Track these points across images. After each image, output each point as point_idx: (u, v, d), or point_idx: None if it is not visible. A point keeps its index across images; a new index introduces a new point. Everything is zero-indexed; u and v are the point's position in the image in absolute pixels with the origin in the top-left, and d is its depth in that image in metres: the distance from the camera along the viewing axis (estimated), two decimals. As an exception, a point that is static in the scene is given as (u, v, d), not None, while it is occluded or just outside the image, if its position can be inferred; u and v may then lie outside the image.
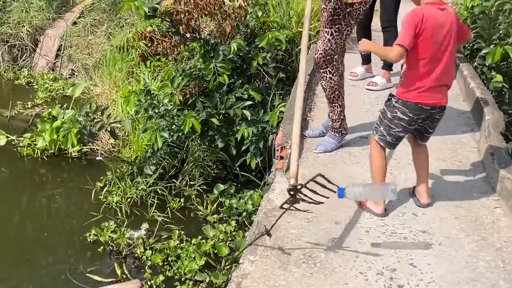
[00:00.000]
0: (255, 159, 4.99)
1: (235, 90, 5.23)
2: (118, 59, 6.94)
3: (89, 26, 8.26)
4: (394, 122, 3.07)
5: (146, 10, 4.74)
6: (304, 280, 2.62)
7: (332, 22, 3.67)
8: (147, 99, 4.78)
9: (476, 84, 4.67)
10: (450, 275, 2.68)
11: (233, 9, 5.35)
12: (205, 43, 5.19)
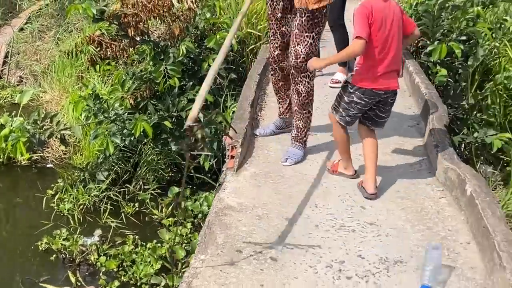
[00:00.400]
0: (209, 160, 5.02)
1: (187, 92, 5.27)
2: (67, 65, 6.87)
3: (37, 32, 8.15)
4: (351, 106, 3.38)
5: (94, 12, 4.74)
6: (254, 276, 2.66)
7: (313, 25, 3.70)
8: (96, 104, 4.75)
9: (421, 79, 4.83)
10: (398, 265, 2.78)
11: (182, 11, 5.37)
12: (154, 45, 5.20)
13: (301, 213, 3.24)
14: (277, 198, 3.39)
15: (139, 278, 4.04)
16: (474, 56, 4.77)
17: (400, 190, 3.48)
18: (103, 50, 5.64)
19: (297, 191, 3.49)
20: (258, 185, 3.56)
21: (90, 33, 6.16)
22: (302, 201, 3.36)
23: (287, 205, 3.32)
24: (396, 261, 2.80)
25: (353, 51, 3.25)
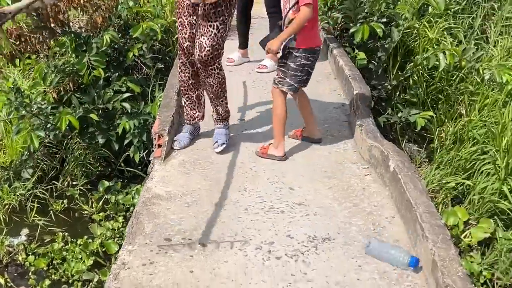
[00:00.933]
0: (139, 152, 4.97)
1: (113, 83, 5.16)
2: (-15, 59, 6.63)
3: None
4: (300, 70, 3.66)
5: (9, 2, 4.59)
6: (184, 263, 2.68)
7: (216, 15, 3.55)
8: (17, 98, 4.62)
9: (345, 62, 4.97)
10: (326, 243, 2.86)
11: (104, 1, 5.29)
12: (76, 36, 5.09)
13: (230, 198, 3.29)
14: (206, 184, 3.42)
15: (70, 276, 3.95)
16: (391, 37, 4.93)
17: (327, 170, 3.59)
18: (23, 44, 5.46)
19: (226, 176, 3.53)
20: (187, 173, 3.58)
21: (8, 27, 5.96)
22: (231, 186, 3.42)
23: (216, 190, 3.36)
24: (324, 239, 2.89)
25: (305, 17, 3.43)
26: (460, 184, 4.26)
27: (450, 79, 5.15)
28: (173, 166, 3.64)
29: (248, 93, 4.68)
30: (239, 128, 4.21)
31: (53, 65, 5.17)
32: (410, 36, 5.20)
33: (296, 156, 3.85)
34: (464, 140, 4.63)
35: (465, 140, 4.62)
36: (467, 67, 5.07)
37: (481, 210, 3.99)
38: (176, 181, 3.46)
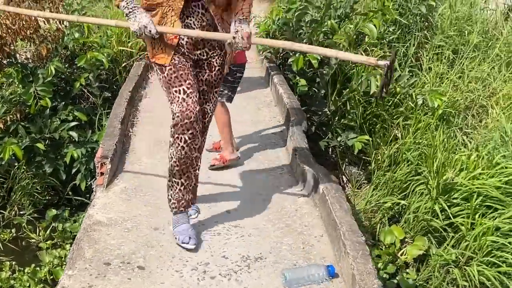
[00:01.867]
0: (86, 180, 5.08)
1: (60, 112, 5.28)
2: None
3: None
4: (237, 81, 4.25)
5: None
6: (122, 285, 2.83)
7: (221, 79, 3.33)
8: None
9: (284, 90, 5.22)
10: (258, 262, 3.06)
11: (50, 32, 5.44)
12: (22, 67, 5.23)
13: (169, 222, 3.41)
14: (147, 210, 3.58)
15: (19, 304, 4.05)
16: (329, 65, 5.18)
17: (263, 193, 3.80)
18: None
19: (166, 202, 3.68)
20: (128, 199, 3.72)
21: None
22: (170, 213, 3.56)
23: (156, 216, 3.51)
24: (257, 258, 3.09)
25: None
26: (396, 204, 4.48)
27: (386, 104, 5.39)
28: (115, 193, 3.77)
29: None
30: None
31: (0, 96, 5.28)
32: (348, 64, 5.44)
33: (235, 180, 4.05)
34: (399, 162, 4.83)
35: (400, 162, 4.83)
36: (402, 93, 5.34)
37: (416, 229, 4.19)
38: (118, 208, 3.59)
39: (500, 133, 4.73)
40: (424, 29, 6.16)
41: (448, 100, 5.19)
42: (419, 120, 5.10)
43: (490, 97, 5.42)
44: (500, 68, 5.76)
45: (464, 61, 5.90)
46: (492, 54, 5.93)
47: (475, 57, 5.93)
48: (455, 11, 6.48)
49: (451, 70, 5.79)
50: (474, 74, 5.73)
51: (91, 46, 5.72)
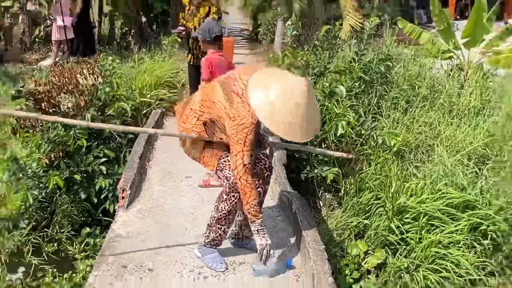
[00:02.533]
0: (113, 204, 5.22)
1: (93, 150, 5.46)
2: (-9, 134, 6.86)
3: (-35, 108, 8.02)
4: None
5: (12, 92, 4.96)
6: (135, 283, 3.02)
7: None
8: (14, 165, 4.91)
9: (270, 132, 5.36)
10: (242, 265, 3.24)
11: (87, 87, 5.67)
12: (64, 115, 5.44)
13: (174, 236, 3.62)
14: (157, 226, 3.75)
15: (59, 304, 4.16)
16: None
17: (249, 213, 3.94)
18: (23, 121, 5.76)
19: (173, 220, 3.87)
20: (143, 218, 3.90)
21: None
22: (176, 228, 3.76)
23: (164, 231, 3.70)
24: (241, 262, 3.27)
25: None
26: (360, 223, 4.56)
27: (353, 143, 5.55)
28: (132, 213, 3.95)
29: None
30: (186, 182, 4.54)
31: (46, 138, 5.47)
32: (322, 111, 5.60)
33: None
34: (363, 189, 4.91)
35: (364, 189, 4.90)
36: (366, 134, 5.51)
37: (376, 242, 4.29)
38: (134, 224, 3.77)
39: (443, 166, 4.86)
40: (383, 83, 6.34)
41: (402, 140, 5.33)
42: (379, 156, 5.20)
43: (436, 137, 5.56)
44: (444, 115, 5.92)
45: (415, 109, 6.08)
46: (437, 103, 6.11)
47: (424, 106, 6.11)
48: (408, 70, 6.69)
49: (405, 116, 5.96)
50: (423, 120, 5.89)
51: (118, 98, 5.93)
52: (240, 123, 2.82)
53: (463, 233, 3.79)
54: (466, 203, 4.05)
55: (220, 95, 2.93)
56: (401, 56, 7.13)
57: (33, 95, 5.31)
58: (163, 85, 6.51)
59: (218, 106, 2.93)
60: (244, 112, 2.82)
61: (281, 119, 2.70)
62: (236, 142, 2.85)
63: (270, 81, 2.79)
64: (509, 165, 4.88)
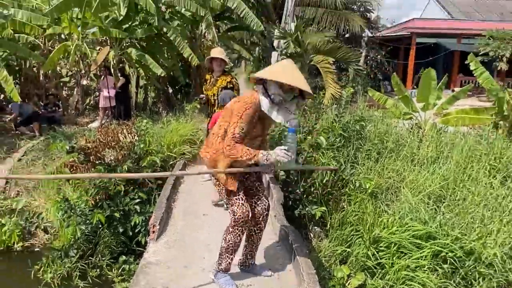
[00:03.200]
0: (145, 237, 5.17)
1: (129, 193, 5.46)
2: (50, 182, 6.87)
3: (30, 161, 8.08)
4: None
5: (67, 148, 5.02)
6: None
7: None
8: (66, 205, 4.92)
9: (270, 178, 5.35)
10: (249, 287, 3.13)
11: (126, 143, 5.73)
12: (107, 165, 5.48)
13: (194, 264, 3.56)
14: (180, 255, 3.68)
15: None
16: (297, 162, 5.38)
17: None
18: (74, 170, 5.79)
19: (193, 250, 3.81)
20: (169, 248, 3.84)
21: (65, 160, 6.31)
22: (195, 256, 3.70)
23: (186, 259, 3.64)
24: (248, 285, 3.23)
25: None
26: (344, 251, 4.50)
27: (336, 186, 5.53)
28: (160, 244, 3.89)
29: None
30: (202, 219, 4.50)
31: (93, 183, 5.49)
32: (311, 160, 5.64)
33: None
34: (345, 223, 4.86)
35: (346, 223, 4.86)
36: (346, 179, 5.50)
37: (357, 267, 4.20)
38: (162, 253, 3.71)
39: (408, 204, 4.83)
40: (358, 139, 6.38)
41: (375, 183, 5.30)
42: (357, 196, 5.17)
43: (401, 181, 5.53)
44: (407, 163, 5.91)
45: (385, 159, 6.09)
46: (402, 154, 6.11)
47: (391, 156, 6.11)
48: (378, 128, 6.75)
49: (376, 165, 5.95)
50: (391, 167, 5.88)
51: (151, 152, 5.98)
52: (243, 101, 2.81)
53: (427, 259, 3.72)
54: (428, 234, 4.00)
55: (229, 105, 2.95)
56: (372, 117, 7.22)
57: (83, 150, 5.36)
58: (186, 142, 6.57)
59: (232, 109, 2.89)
60: (246, 96, 2.83)
61: (273, 70, 2.80)
62: (235, 115, 2.80)
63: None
64: (460, 203, 4.87)
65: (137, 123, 6.45)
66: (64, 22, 10.53)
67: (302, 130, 6.05)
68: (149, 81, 12.52)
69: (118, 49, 11.38)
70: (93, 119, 11.40)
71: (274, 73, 2.77)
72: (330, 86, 10.64)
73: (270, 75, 2.76)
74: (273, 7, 16.69)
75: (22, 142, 8.96)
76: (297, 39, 10.61)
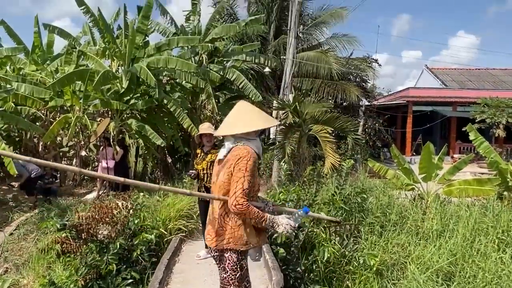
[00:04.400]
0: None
1: (122, 272, 5.20)
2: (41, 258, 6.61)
3: (22, 235, 7.84)
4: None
5: (58, 226, 4.87)
6: None
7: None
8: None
9: (270, 256, 5.12)
10: None
11: (120, 219, 5.57)
12: (100, 243, 5.28)
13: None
14: None
15: None
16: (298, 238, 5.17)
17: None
18: (66, 247, 5.57)
19: None
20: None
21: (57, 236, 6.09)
22: None
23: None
24: None
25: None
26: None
27: (339, 263, 5.29)
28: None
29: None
30: None
31: (84, 262, 5.26)
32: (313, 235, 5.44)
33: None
34: None
35: None
36: (349, 255, 5.27)
37: None
38: None
39: (416, 283, 4.60)
40: (360, 211, 6.22)
41: (379, 259, 5.10)
42: (361, 274, 4.97)
43: (407, 257, 5.31)
44: (412, 237, 5.72)
45: (388, 233, 5.89)
46: (405, 227, 5.93)
47: (395, 229, 5.92)
48: (379, 200, 6.60)
49: (380, 239, 5.75)
50: (395, 241, 5.68)
51: (145, 228, 5.79)
52: (240, 156, 2.72)
53: None
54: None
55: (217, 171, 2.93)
56: (373, 189, 7.09)
57: (75, 227, 5.19)
58: (182, 216, 6.32)
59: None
60: (237, 153, 2.76)
61: (245, 120, 2.83)
62: (238, 170, 2.68)
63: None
64: (471, 280, 4.62)
65: (133, 197, 6.33)
66: (67, 94, 10.80)
67: (302, 203, 5.91)
68: (148, 150, 12.59)
69: (118, 120, 11.57)
70: (90, 190, 11.28)
71: (251, 123, 2.84)
72: (330, 155, 10.66)
73: (252, 126, 2.82)
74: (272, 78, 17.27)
75: (16, 215, 8.77)
76: (295, 109, 10.82)
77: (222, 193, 2.77)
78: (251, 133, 2.84)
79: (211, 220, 2.90)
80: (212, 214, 2.90)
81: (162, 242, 5.93)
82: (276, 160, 11.58)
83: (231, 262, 2.77)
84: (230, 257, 2.76)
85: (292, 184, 7.09)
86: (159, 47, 11.52)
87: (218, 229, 2.79)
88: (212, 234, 2.83)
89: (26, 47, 12.37)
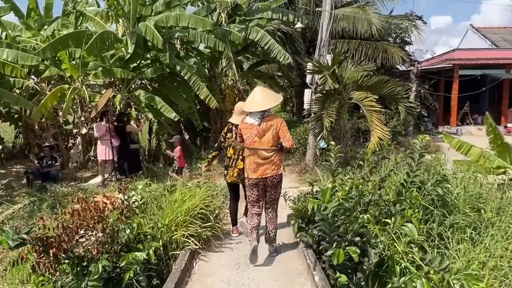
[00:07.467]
0: None
1: (110, 302, 3.71)
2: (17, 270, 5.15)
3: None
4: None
5: (11, 244, 3.33)
6: None
7: None
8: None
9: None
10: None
11: (108, 225, 4.00)
12: (79, 260, 3.75)
13: None
14: None
15: None
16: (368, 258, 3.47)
17: None
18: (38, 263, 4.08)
19: None
20: None
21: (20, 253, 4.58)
22: None
23: None
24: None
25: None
26: None
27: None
28: None
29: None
30: None
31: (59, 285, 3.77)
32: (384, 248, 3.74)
33: None
34: None
35: None
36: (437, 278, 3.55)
37: None
38: None
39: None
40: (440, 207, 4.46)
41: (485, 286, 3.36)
42: (460, 310, 3.25)
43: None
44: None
45: (485, 238, 4.12)
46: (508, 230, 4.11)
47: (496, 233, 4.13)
48: (467, 191, 4.77)
49: (475, 248, 4.00)
50: (499, 253, 3.90)
51: (141, 240, 4.19)
52: (281, 120, 4.31)
53: None
54: None
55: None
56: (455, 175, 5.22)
57: (41, 240, 3.65)
58: (194, 217, 4.59)
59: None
60: (278, 118, 4.33)
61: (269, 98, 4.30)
62: (283, 127, 4.25)
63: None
64: None
65: (129, 190, 4.74)
66: (64, 63, 9.24)
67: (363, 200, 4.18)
68: (161, 126, 11.02)
69: (125, 92, 9.98)
70: (96, 173, 9.85)
71: (276, 98, 4.49)
72: (376, 129, 8.83)
73: (278, 100, 4.48)
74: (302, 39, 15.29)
75: (2, 207, 7.39)
76: (334, 73, 8.93)
77: (270, 145, 4.21)
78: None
79: (261, 163, 4.25)
80: (259, 160, 4.24)
81: (167, 256, 4.28)
82: (311, 135, 9.79)
83: (281, 180, 4.38)
84: (282, 177, 4.37)
85: (341, 168, 5.35)
86: (169, 3, 9.71)
87: (276, 162, 4.27)
88: (272, 167, 4.25)
89: (20, 10, 10.81)
